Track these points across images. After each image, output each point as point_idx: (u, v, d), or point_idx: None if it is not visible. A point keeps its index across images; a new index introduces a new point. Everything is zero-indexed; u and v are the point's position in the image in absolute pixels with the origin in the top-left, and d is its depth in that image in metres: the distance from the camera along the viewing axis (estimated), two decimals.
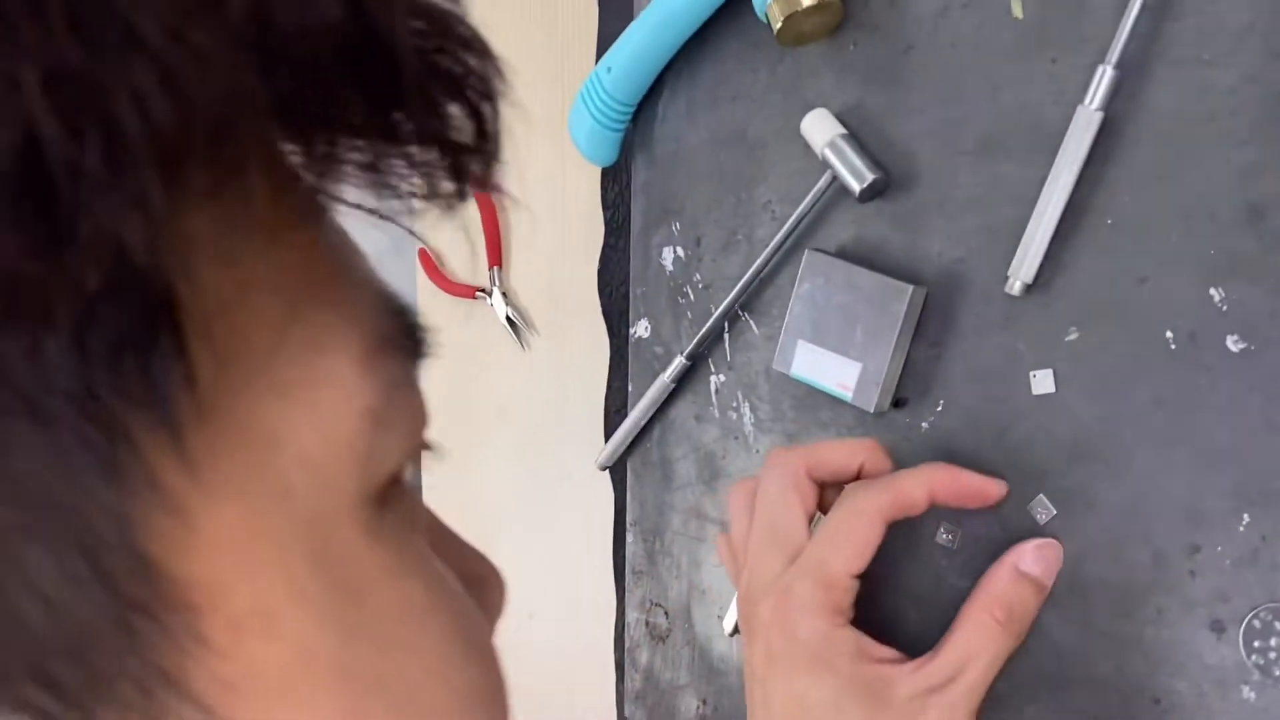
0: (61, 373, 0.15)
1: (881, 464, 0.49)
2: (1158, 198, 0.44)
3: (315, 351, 0.19)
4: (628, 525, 0.69)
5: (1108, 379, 0.45)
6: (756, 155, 0.59)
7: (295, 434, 0.19)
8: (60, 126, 0.14)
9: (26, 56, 0.13)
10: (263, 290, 0.18)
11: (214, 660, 0.19)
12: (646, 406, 0.65)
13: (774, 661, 0.46)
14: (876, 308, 0.51)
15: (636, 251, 0.67)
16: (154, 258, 0.15)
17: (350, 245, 0.22)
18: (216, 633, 0.19)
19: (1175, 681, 0.44)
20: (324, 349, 0.20)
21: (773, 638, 0.46)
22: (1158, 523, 0.44)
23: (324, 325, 0.20)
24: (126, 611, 0.17)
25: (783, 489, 0.49)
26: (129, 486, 0.16)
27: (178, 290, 0.16)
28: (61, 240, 0.14)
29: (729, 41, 0.60)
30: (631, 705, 0.70)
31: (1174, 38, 0.43)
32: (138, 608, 0.17)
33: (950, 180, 0.50)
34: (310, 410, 0.19)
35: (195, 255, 0.17)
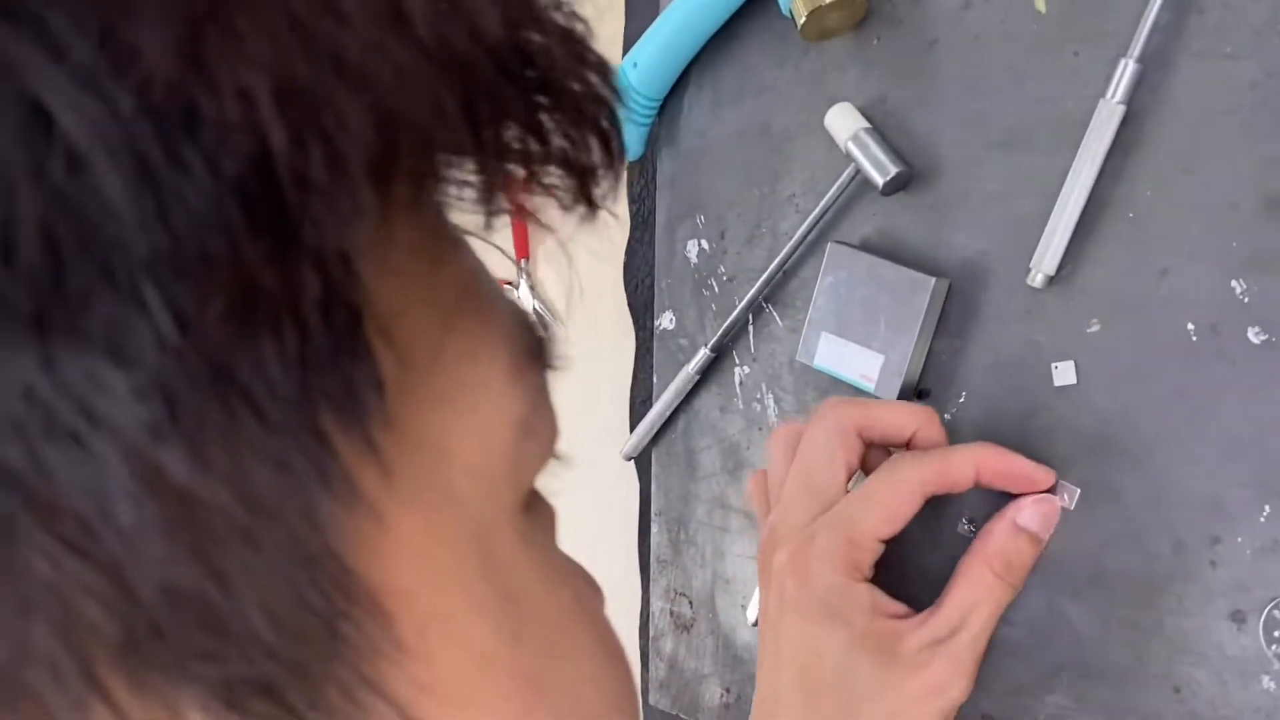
0: (285, 379, 0.15)
1: (936, 436, 0.49)
2: (1179, 190, 0.44)
3: (469, 362, 0.20)
4: (652, 515, 0.70)
5: (1129, 371, 0.46)
6: (781, 149, 0.60)
7: (460, 444, 0.20)
8: (289, 138, 0.14)
9: (260, 70, 0.14)
10: (422, 303, 0.19)
11: (409, 663, 0.19)
12: (671, 398, 0.66)
13: (787, 608, 0.47)
14: (899, 300, 0.52)
15: (662, 244, 0.68)
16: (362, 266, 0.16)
17: (482, 264, 0.22)
18: (408, 637, 0.19)
19: (1196, 671, 0.44)
20: (476, 360, 0.20)
21: (787, 584, 0.47)
22: (1179, 513, 0.44)
23: (475, 337, 0.20)
24: (336, 619, 0.17)
25: (829, 440, 0.48)
26: (336, 492, 0.17)
27: (372, 291, 0.17)
28: (289, 248, 0.15)
29: (754, 36, 0.60)
30: (656, 694, 0.71)
31: (1196, 31, 0.43)
32: (344, 615, 0.18)
33: (973, 173, 0.51)
34: (470, 420, 0.20)
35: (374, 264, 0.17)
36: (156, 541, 0.15)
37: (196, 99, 0.14)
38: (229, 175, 0.14)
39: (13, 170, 0.13)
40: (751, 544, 0.64)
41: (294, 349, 0.15)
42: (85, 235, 0.13)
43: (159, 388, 0.14)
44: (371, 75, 0.15)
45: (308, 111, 0.15)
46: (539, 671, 0.22)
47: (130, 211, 0.13)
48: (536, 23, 0.19)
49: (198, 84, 0.14)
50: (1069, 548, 0.48)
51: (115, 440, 0.14)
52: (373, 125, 0.15)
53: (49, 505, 0.14)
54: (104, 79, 0.13)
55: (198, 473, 0.15)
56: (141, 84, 0.13)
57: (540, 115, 0.19)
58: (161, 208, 0.14)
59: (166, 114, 0.13)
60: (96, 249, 0.13)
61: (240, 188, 0.14)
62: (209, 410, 0.14)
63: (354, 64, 0.15)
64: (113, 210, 0.13)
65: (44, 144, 0.13)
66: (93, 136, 0.13)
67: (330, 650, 0.18)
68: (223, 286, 0.14)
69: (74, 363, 0.13)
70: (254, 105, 0.14)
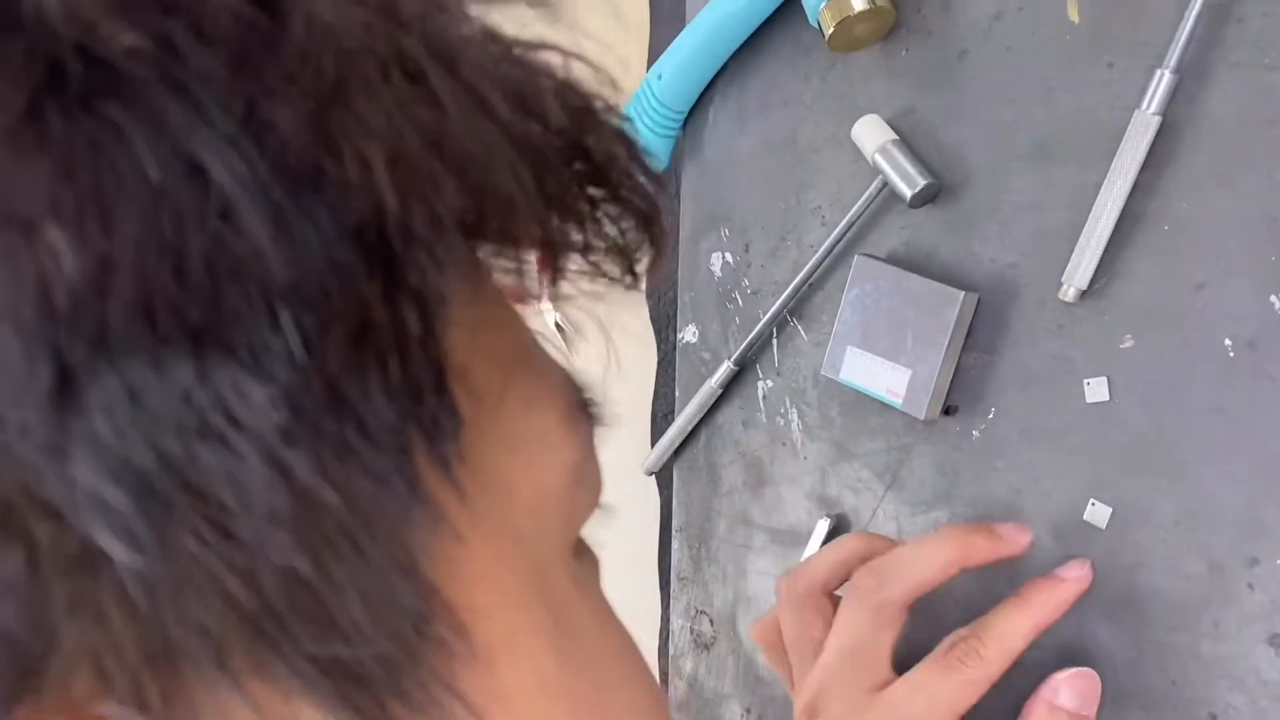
0: (387, 406, 0.18)
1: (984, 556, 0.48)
2: (1216, 203, 0.43)
3: (528, 412, 0.23)
4: (674, 531, 0.69)
5: (1164, 387, 0.45)
6: (807, 161, 0.59)
7: (522, 485, 0.22)
8: (397, 199, 0.17)
9: (375, 143, 0.17)
10: (486, 357, 0.22)
11: (482, 671, 0.21)
12: (693, 412, 0.65)
13: None
14: (927, 313, 0.51)
15: (685, 257, 0.67)
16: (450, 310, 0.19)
17: (533, 333, 0.25)
18: (481, 651, 0.21)
19: (1232, 696, 0.43)
20: (534, 410, 0.23)
21: None
22: (1215, 534, 0.43)
23: (532, 391, 0.23)
24: (422, 620, 0.20)
25: (878, 623, 0.48)
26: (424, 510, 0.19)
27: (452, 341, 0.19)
28: (395, 290, 0.17)
29: (780, 48, 0.60)
30: (675, 714, 0.70)
31: (1234, 41, 0.42)
32: (428, 618, 0.20)
33: (1003, 185, 0.50)
34: (530, 463, 0.23)
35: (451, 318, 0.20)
36: (282, 531, 0.17)
37: (322, 163, 0.17)
38: (348, 226, 0.17)
39: (182, 209, 0.15)
40: (774, 562, 0.63)
41: (396, 378, 0.18)
42: (235, 267, 0.16)
43: (288, 400, 0.16)
44: (463, 152, 0.18)
45: (413, 178, 0.17)
46: (594, 701, 0.24)
47: (270, 250, 0.16)
48: (594, 123, 0.22)
49: (324, 152, 0.17)
50: (1101, 569, 0.47)
51: (253, 441, 0.16)
52: (464, 192, 0.18)
53: (200, 492, 0.16)
54: (247, 145, 0.16)
55: (317, 475, 0.17)
56: (278, 149, 0.16)
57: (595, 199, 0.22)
58: (294, 249, 0.16)
59: (298, 175, 0.16)
60: (244, 279, 0.16)
61: (358, 237, 0.17)
62: (326, 424, 0.17)
63: (450, 142, 0.18)
64: (257, 249, 0.16)
65: (202, 193, 0.16)
66: (238, 189, 0.16)
67: (416, 647, 0.20)
68: (341, 316, 0.17)
69: (223, 374, 0.16)
70: (370, 171, 0.17)
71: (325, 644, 0.18)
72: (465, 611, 0.21)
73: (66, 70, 0.15)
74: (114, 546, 0.16)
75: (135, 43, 0.15)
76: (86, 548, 0.16)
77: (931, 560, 0.47)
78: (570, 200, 0.22)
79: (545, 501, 0.23)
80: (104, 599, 0.16)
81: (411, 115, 0.18)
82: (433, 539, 0.20)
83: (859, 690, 0.47)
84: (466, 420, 0.20)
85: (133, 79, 0.15)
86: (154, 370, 0.15)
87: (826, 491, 0.59)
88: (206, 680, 0.18)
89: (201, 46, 0.16)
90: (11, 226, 0.15)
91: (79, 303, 0.15)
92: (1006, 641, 0.45)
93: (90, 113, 0.15)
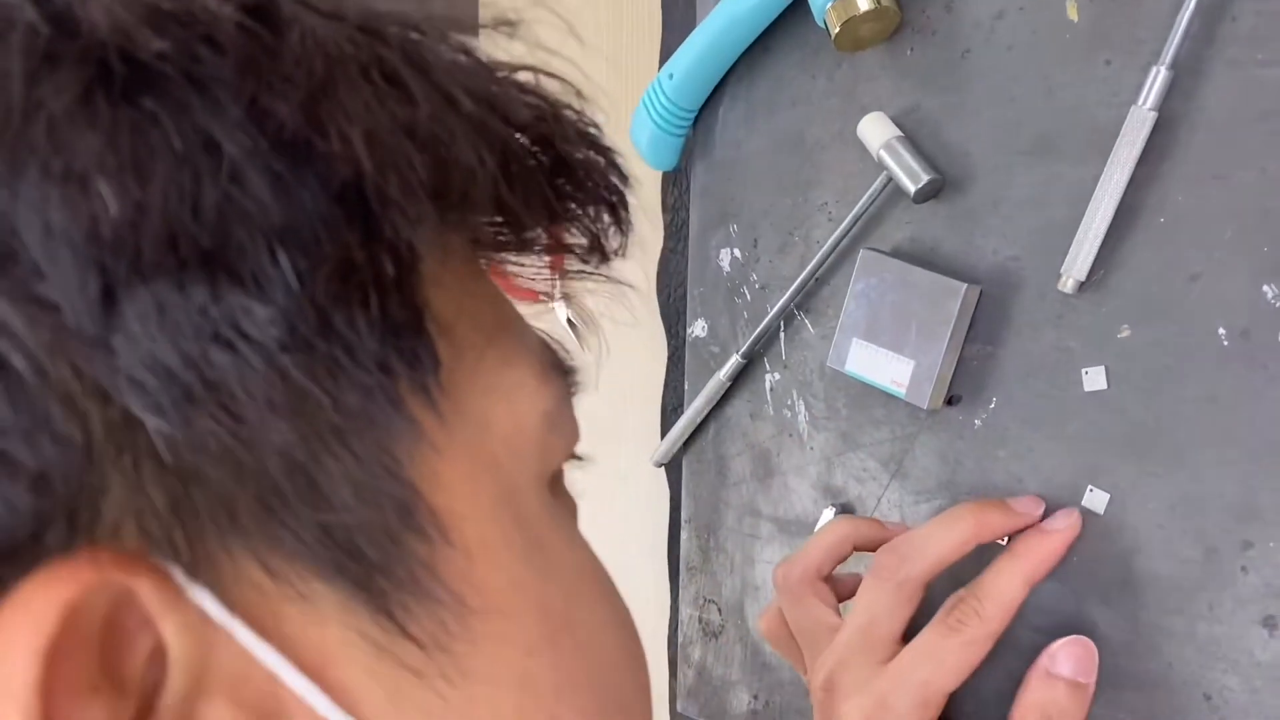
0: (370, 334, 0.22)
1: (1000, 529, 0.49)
2: (1211, 196, 0.44)
3: (507, 365, 0.27)
4: (683, 522, 0.71)
5: (1160, 376, 0.46)
6: (814, 158, 0.60)
7: (500, 421, 0.26)
8: (374, 167, 0.21)
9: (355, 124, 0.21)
10: (470, 319, 0.26)
11: (460, 562, 0.24)
12: (702, 404, 0.67)
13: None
14: (930, 305, 0.52)
15: (695, 253, 0.68)
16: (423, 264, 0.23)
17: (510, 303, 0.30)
18: (460, 545, 0.24)
19: (1227, 678, 0.44)
20: (512, 364, 0.27)
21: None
22: (1210, 519, 0.44)
23: (510, 349, 0.27)
24: (404, 512, 0.23)
25: (898, 600, 0.49)
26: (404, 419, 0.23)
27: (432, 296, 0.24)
28: (373, 238, 0.22)
29: (788, 48, 0.61)
30: (684, 701, 0.71)
31: (1228, 39, 0.43)
32: (410, 509, 0.23)
33: (1005, 180, 0.51)
34: (508, 405, 0.27)
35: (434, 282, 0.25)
36: (280, 419, 0.21)
37: (312, 140, 0.21)
38: (333, 188, 0.21)
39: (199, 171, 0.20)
40: (781, 551, 0.64)
41: (376, 313, 0.22)
42: (242, 215, 0.20)
43: (285, 319, 0.20)
44: (430, 135, 0.23)
45: (387, 153, 0.22)
46: (563, 608, 0.27)
47: (269, 203, 0.20)
48: (557, 122, 0.27)
49: (313, 131, 0.21)
50: (1099, 553, 0.48)
51: (256, 348, 0.20)
52: (431, 165, 0.22)
53: (213, 383, 0.20)
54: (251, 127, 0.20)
55: (309, 380, 0.21)
56: (276, 130, 0.21)
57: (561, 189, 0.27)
58: (289, 203, 0.21)
59: (293, 148, 0.21)
60: (249, 223, 0.20)
61: (341, 196, 0.21)
62: (318, 342, 0.21)
63: (419, 128, 0.22)
64: (259, 202, 0.20)
65: (216, 159, 0.20)
66: (245, 158, 0.20)
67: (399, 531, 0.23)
68: (327, 258, 0.21)
69: (232, 295, 0.20)
70: (350, 145, 0.21)
71: (319, 515, 0.22)
72: (445, 515, 0.24)
73: (111, 69, 0.20)
74: (146, 415, 0.19)
75: (163, 49, 0.20)
76: (126, 418, 0.20)
77: (949, 537, 0.49)
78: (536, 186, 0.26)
79: (520, 438, 0.27)
80: (140, 458, 0.20)
81: (387, 106, 0.22)
82: (416, 450, 0.24)
83: (871, 664, 0.48)
84: (450, 364, 0.24)
85: (162, 76, 0.20)
86: (177, 289, 0.19)
87: (832, 481, 0.61)
88: (224, 540, 0.21)
89: (215, 54, 0.20)
90: (71, 180, 0.19)
91: (119, 235, 0.19)
92: (1003, 598, 0.46)
93: (130, 101, 0.20)
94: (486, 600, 0.25)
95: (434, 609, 0.24)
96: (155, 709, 0.21)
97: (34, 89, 0.19)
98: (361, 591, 0.23)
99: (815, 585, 0.54)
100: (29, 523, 0.19)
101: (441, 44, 0.25)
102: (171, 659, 0.21)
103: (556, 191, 0.27)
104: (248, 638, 0.21)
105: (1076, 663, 0.47)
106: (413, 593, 0.23)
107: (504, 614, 0.25)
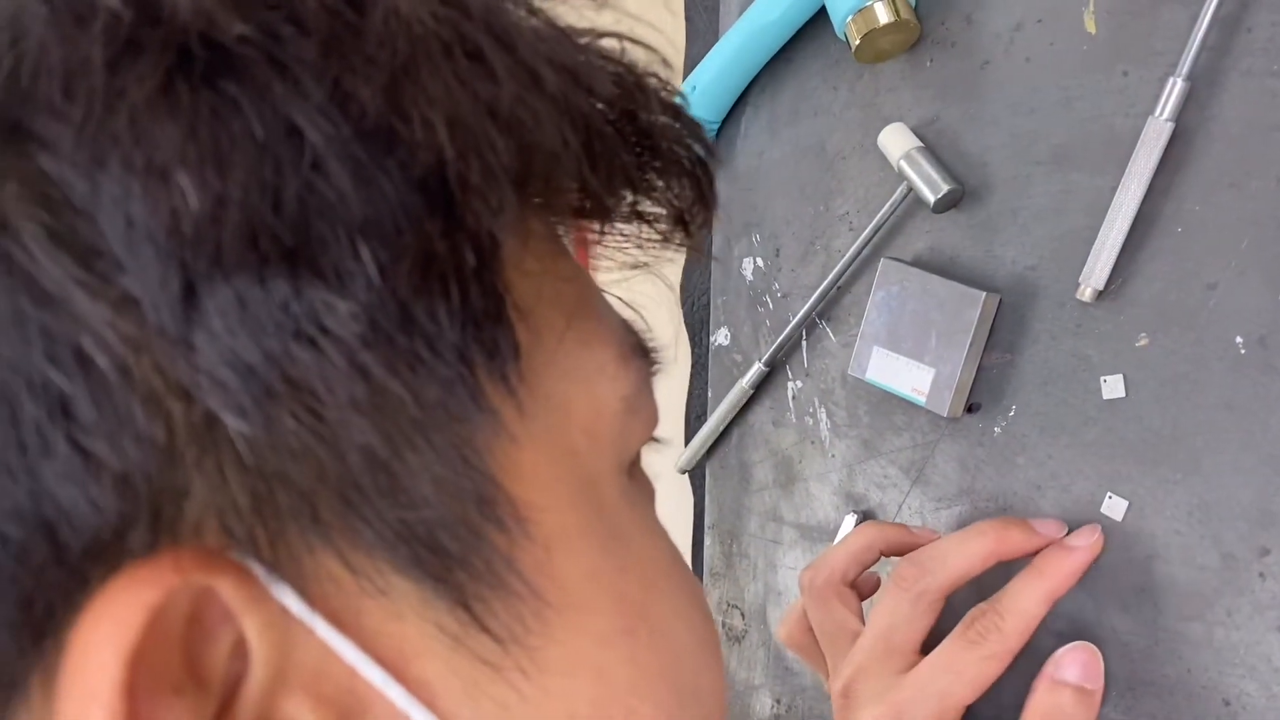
0: (450, 326, 0.21)
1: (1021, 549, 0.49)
2: (1227, 205, 0.44)
3: (587, 349, 0.26)
4: (706, 528, 0.71)
5: (1178, 384, 0.46)
6: (835, 168, 0.61)
7: (579, 408, 0.26)
8: (456, 154, 0.21)
9: (437, 109, 0.21)
10: (550, 302, 0.26)
11: (539, 554, 0.24)
12: (725, 412, 0.68)
13: None
14: (950, 314, 0.53)
15: (718, 262, 0.69)
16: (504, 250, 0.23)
17: (598, 288, 0.29)
18: (540, 537, 0.24)
19: (1245, 683, 0.44)
20: (592, 348, 0.27)
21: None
22: (1227, 526, 0.45)
23: (591, 332, 0.27)
24: (484, 504, 0.23)
25: (917, 610, 0.50)
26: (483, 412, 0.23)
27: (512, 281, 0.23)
28: (454, 229, 0.21)
29: (809, 60, 0.62)
30: None
31: (1244, 50, 0.44)
32: (490, 502, 0.23)
33: (1023, 191, 0.52)
34: (588, 391, 0.26)
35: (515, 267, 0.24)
36: (361, 417, 0.20)
37: (394, 126, 0.20)
38: (415, 176, 0.21)
39: (280, 161, 0.19)
40: (803, 557, 0.65)
41: (456, 304, 0.21)
42: (323, 207, 0.20)
43: (367, 314, 0.20)
44: (514, 118, 0.22)
45: (470, 138, 0.21)
46: (640, 598, 0.27)
47: (351, 194, 0.20)
48: (641, 92, 0.26)
49: (395, 117, 0.20)
50: (1117, 560, 0.48)
51: (337, 345, 0.20)
52: (514, 150, 0.22)
53: (294, 380, 0.20)
54: (334, 112, 0.20)
55: (390, 376, 0.21)
56: (358, 115, 0.20)
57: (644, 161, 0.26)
58: (370, 194, 0.20)
59: (374, 135, 0.20)
60: (331, 216, 0.20)
61: (423, 185, 0.21)
62: (399, 337, 0.21)
63: (503, 110, 0.22)
64: (341, 193, 0.20)
65: (297, 149, 0.20)
66: (326, 146, 0.20)
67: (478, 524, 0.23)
68: (409, 250, 0.20)
69: (313, 291, 0.20)
70: (433, 132, 0.21)
71: (399, 510, 0.21)
72: (525, 507, 0.24)
73: (193, 54, 0.19)
74: (228, 416, 0.19)
75: (245, 32, 0.19)
76: (208, 418, 0.19)
77: (970, 551, 0.49)
78: (619, 161, 0.25)
79: (599, 424, 0.26)
80: (222, 458, 0.20)
81: (470, 87, 0.21)
82: (495, 441, 0.23)
83: (890, 673, 0.49)
84: (529, 351, 0.24)
85: (244, 60, 0.19)
86: (259, 284, 0.19)
87: (854, 488, 0.61)
88: (305, 537, 0.21)
89: (299, 34, 0.20)
90: (151, 173, 0.19)
91: (200, 230, 0.19)
92: (1024, 613, 0.47)
93: (211, 87, 0.19)
94: (564, 593, 0.25)
95: (511, 602, 0.24)
96: (236, 704, 0.21)
97: (116, 78, 0.18)
98: (440, 585, 0.22)
99: (840, 590, 0.55)
100: (113, 523, 0.19)
101: (523, 10, 0.24)
102: (253, 655, 0.21)
103: (639, 163, 0.26)
104: (328, 633, 0.21)
105: (1082, 669, 0.47)
106: (491, 585, 0.23)
107: (581, 607, 0.25)
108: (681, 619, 0.28)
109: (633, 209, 0.27)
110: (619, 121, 0.25)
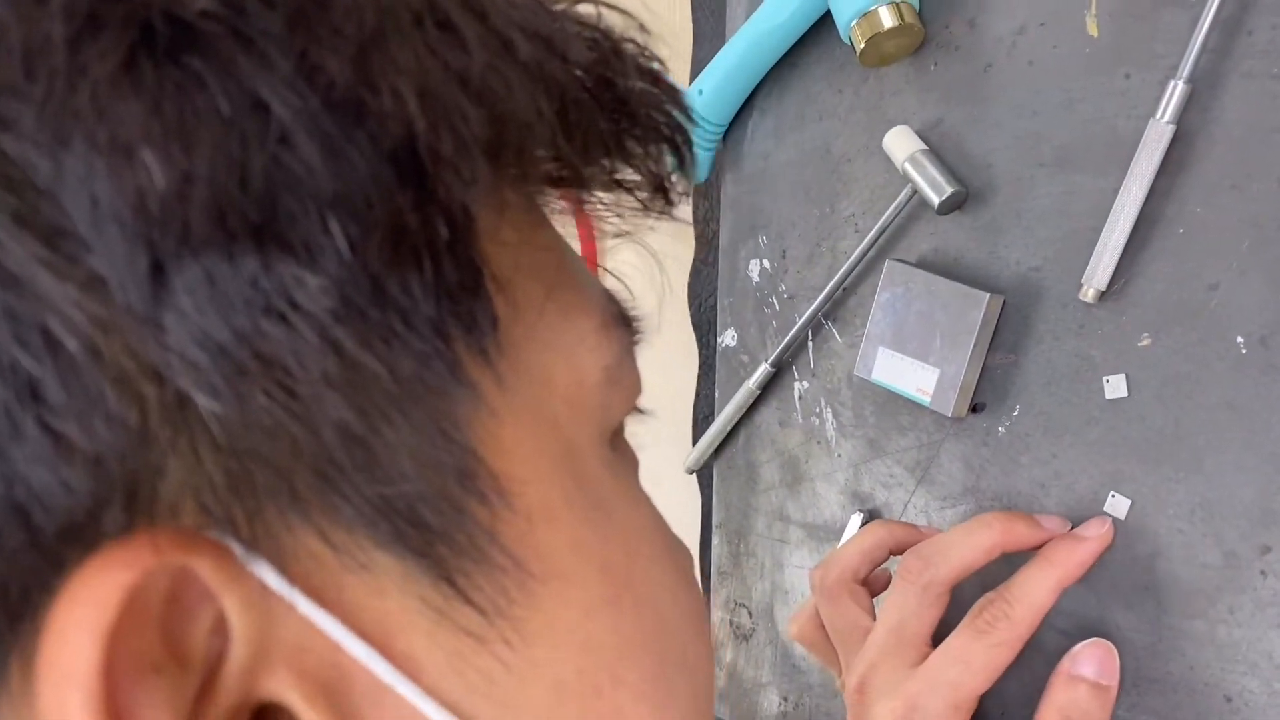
0: (425, 299, 0.21)
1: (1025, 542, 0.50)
2: (1228, 207, 0.45)
3: (567, 319, 0.26)
4: (713, 527, 0.72)
5: (1180, 383, 0.47)
6: (840, 171, 0.62)
7: (559, 379, 0.26)
8: (427, 126, 0.20)
9: (407, 80, 0.20)
10: (528, 273, 0.25)
11: (522, 527, 0.24)
12: (732, 412, 0.68)
13: None
14: (955, 315, 0.53)
15: (725, 264, 0.70)
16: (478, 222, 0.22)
17: (577, 257, 0.29)
18: (521, 509, 0.24)
19: (1247, 680, 0.45)
20: (573, 318, 0.26)
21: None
22: (1229, 524, 0.45)
23: (571, 302, 0.26)
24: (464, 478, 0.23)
25: (924, 602, 0.50)
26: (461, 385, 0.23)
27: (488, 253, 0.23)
28: (426, 201, 0.21)
29: (815, 64, 0.63)
30: (715, 703, 0.73)
31: (1244, 53, 0.44)
32: (471, 475, 0.23)
33: (1027, 192, 0.52)
34: (568, 361, 0.26)
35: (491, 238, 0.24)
36: (335, 392, 0.20)
37: (363, 98, 0.20)
38: (385, 149, 0.20)
39: (247, 136, 0.19)
40: (810, 556, 0.65)
41: (430, 277, 0.21)
42: (291, 181, 0.19)
43: (338, 289, 0.20)
44: (486, 87, 0.22)
45: (440, 109, 0.21)
46: (624, 568, 0.27)
47: (320, 168, 0.19)
48: (618, 58, 0.25)
49: (364, 88, 0.20)
50: (1121, 558, 0.49)
51: (309, 320, 0.20)
52: (487, 120, 0.21)
53: (266, 357, 0.20)
54: (301, 85, 0.19)
55: (364, 350, 0.20)
56: (326, 88, 0.20)
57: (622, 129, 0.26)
58: (340, 167, 0.20)
59: (343, 107, 0.20)
60: (299, 190, 0.19)
61: (393, 157, 0.20)
62: (372, 311, 0.20)
63: (474, 79, 0.21)
64: (309, 167, 0.19)
65: (264, 122, 0.19)
66: (294, 119, 0.19)
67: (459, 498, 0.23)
68: (380, 223, 0.20)
69: (283, 266, 0.19)
70: (403, 103, 0.20)
71: (378, 486, 0.21)
72: (505, 479, 0.24)
73: (155, 29, 0.19)
74: (199, 396, 0.19)
75: (208, 6, 0.19)
76: (180, 398, 0.19)
77: (975, 543, 0.50)
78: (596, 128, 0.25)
79: (581, 394, 0.26)
80: (196, 438, 0.20)
81: (441, 56, 0.21)
82: (474, 414, 0.23)
83: (903, 666, 0.49)
84: (507, 322, 0.24)
85: (208, 34, 0.19)
86: (227, 261, 0.19)
87: (860, 487, 0.62)
88: (283, 514, 0.21)
89: (264, 7, 0.19)
90: (115, 151, 0.18)
91: (167, 207, 0.18)
92: (1033, 602, 0.47)
93: (174, 63, 0.19)
94: (547, 564, 0.25)
95: (494, 574, 0.24)
96: (218, 681, 0.21)
97: (77, 55, 0.18)
98: (422, 559, 0.22)
99: (851, 587, 0.55)
100: (86, 504, 0.19)
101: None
102: (233, 632, 0.21)
103: (617, 130, 0.26)
104: (309, 609, 0.21)
105: (1099, 664, 0.47)
106: (473, 559, 0.23)
107: (565, 577, 0.25)
108: (666, 589, 0.28)
109: (611, 177, 0.27)
110: (595, 88, 0.25)
